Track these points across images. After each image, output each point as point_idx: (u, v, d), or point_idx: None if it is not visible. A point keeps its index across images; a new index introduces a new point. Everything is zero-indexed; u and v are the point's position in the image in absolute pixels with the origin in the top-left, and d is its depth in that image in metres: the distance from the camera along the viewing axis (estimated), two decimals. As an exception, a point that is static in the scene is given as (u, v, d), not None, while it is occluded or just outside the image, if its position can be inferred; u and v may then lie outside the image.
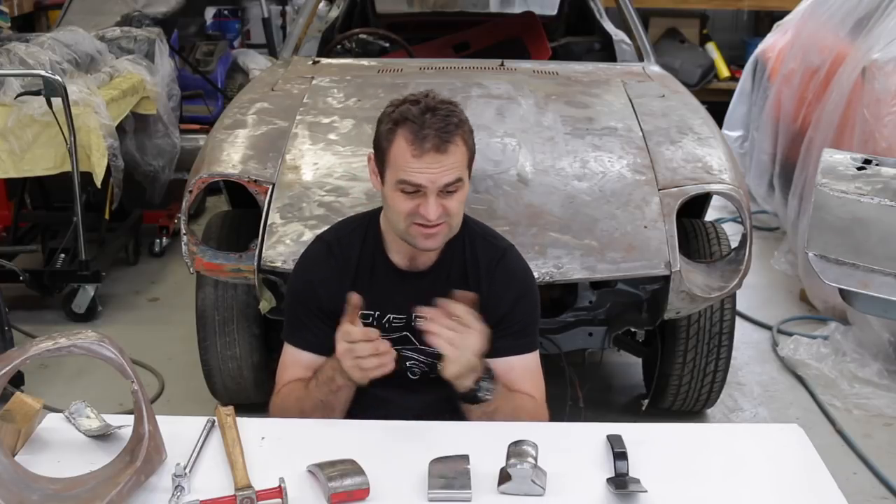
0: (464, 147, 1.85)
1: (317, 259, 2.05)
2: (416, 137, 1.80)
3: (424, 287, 1.96)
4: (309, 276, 2.03)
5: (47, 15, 6.68)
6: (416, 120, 1.81)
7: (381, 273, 2.00)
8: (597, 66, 3.84)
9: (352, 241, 2.02)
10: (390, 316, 2.00)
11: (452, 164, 1.83)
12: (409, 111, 1.83)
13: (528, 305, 2.03)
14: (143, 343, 3.72)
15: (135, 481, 1.52)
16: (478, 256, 2.01)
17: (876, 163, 2.47)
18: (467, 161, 1.88)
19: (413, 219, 1.85)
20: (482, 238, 2.05)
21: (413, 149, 1.81)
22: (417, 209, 1.84)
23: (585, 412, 2.95)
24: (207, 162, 2.92)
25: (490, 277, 2.00)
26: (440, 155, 1.81)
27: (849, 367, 3.63)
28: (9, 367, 1.49)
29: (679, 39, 7.74)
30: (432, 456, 1.62)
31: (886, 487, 2.98)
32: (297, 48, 4.00)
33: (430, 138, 1.80)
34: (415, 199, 1.84)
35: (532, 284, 2.07)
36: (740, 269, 2.77)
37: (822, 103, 4.40)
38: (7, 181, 4.36)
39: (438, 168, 1.81)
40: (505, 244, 2.08)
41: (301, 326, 2.01)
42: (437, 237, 1.89)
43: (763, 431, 2.02)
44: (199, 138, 4.65)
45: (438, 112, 1.82)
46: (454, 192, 1.85)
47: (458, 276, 2.00)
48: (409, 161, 1.81)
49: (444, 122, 1.82)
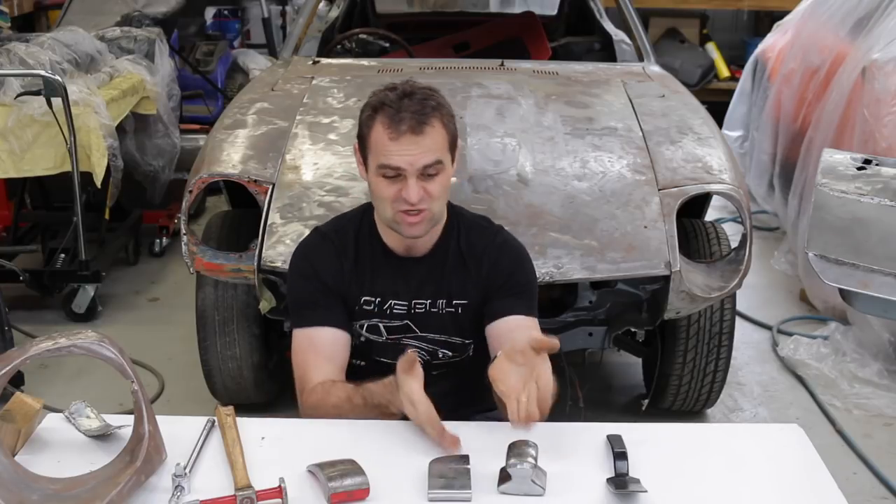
0: (442, 130, 1.87)
1: (314, 246, 2.06)
2: (393, 121, 1.84)
3: (423, 272, 2.00)
4: (309, 259, 2.04)
5: (47, 15, 6.68)
6: (392, 104, 1.85)
7: (380, 259, 2.02)
8: (597, 66, 3.84)
9: (347, 231, 2.05)
10: (392, 302, 2.01)
11: (430, 146, 1.85)
12: (387, 96, 1.87)
13: (527, 273, 2.07)
14: (143, 343, 3.72)
15: (135, 481, 1.52)
16: (473, 242, 2.04)
17: (876, 163, 2.47)
18: (447, 144, 1.89)
19: (397, 205, 1.88)
20: (475, 224, 2.09)
21: (390, 132, 1.84)
22: (400, 194, 1.86)
23: (585, 412, 2.95)
24: (207, 162, 2.91)
25: (488, 253, 2.03)
26: (417, 136, 1.83)
27: (849, 367, 3.63)
28: (9, 367, 1.49)
29: (679, 39, 7.74)
30: (432, 456, 1.63)
31: (886, 487, 2.98)
32: (297, 48, 4.00)
33: (406, 120, 1.83)
34: (396, 183, 1.86)
35: (528, 257, 2.11)
36: (740, 269, 2.77)
37: (822, 103, 4.40)
38: (7, 181, 4.36)
39: (416, 150, 1.84)
40: (496, 226, 2.12)
41: (309, 305, 1.99)
42: (420, 224, 1.90)
43: (763, 431, 2.02)
44: (199, 138, 4.65)
45: (415, 96, 1.86)
46: (435, 176, 1.87)
47: (455, 261, 2.02)
48: (387, 144, 1.85)
49: (421, 105, 1.85)
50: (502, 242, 2.07)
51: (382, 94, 1.89)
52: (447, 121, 1.90)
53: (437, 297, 2.01)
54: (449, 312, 2.02)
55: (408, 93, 1.87)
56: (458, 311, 2.03)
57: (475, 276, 2.02)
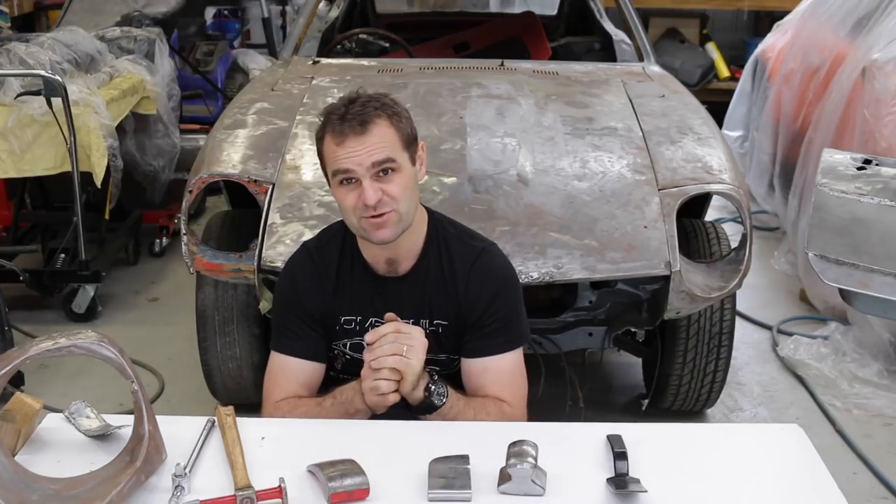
0: (391, 128, 1.87)
1: (298, 265, 2.07)
2: (336, 127, 1.86)
3: (404, 291, 1.99)
4: (292, 281, 2.06)
5: (47, 15, 6.68)
6: (336, 112, 1.87)
7: (361, 279, 2.01)
8: (597, 66, 3.84)
9: (330, 248, 2.05)
10: (373, 320, 2.00)
11: (377, 143, 1.85)
12: (333, 107, 1.90)
13: (506, 303, 2.01)
14: (143, 343, 3.72)
15: (135, 481, 1.52)
16: (453, 258, 2.01)
17: (876, 163, 2.47)
18: (400, 142, 1.89)
19: (360, 212, 1.87)
20: (458, 240, 2.04)
21: (336, 137, 1.86)
22: (360, 200, 1.86)
23: (585, 412, 2.95)
24: (207, 162, 2.92)
25: (466, 278, 2.00)
26: (360, 136, 1.84)
27: (849, 367, 3.63)
28: (9, 367, 1.49)
29: (679, 39, 7.73)
30: (432, 456, 1.62)
31: (886, 487, 2.98)
32: (297, 48, 4.01)
33: (347, 123, 1.85)
34: (355, 189, 1.87)
35: (511, 282, 2.06)
36: (740, 269, 2.77)
37: (822, 103, 4.40)
38: (7, 181, 4.36)
39: (361, 149, 1.84)
40: (482, 244, 2.07)
41: (288, 332, 2.02)
42: (387, 226, 1.89)
43: (763, 431, 2.02)
44: (199, 138, 4.65)
45: (358, 100, 1.88)
46: (391, 175, 1.87)
47: (436, 280, 2.00)
48: (335, 150, 1.86)
49: (362, 107, 1.87)
50: (481, 267, 2.01)
51: (329, 107, 1.91)
52: (394, 120, 1.89)
53: (419, 317, 1.99)
54: (432, 331, 2.00)
55: (352, 99, 1.89)
56: (438, 331, 2.01)
57: (454, 296, 1.99)
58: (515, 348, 2.01)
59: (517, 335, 2.02)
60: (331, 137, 1.87)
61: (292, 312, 2.02)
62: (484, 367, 1.98)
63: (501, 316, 1.99)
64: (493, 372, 1.98)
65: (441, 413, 1.88)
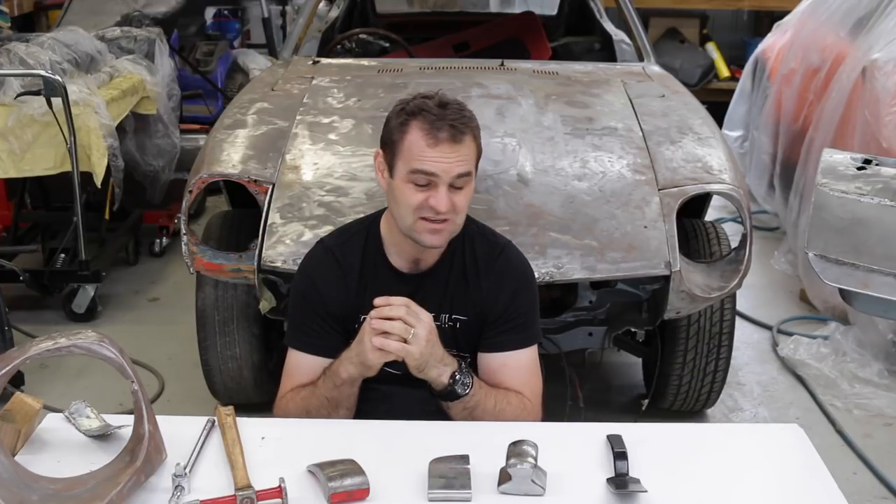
0: (474, 144, 1.90)
1: (320, 262, 2.06)
2: (433, 127, 1.84)
3: (426, 288, 1.99)
4: (313, 278, 2.05)
5: (47, 15, 6.67)
6: (432, 111, 1.86)
7: (383, 277, 2.01)
8: (597, 66, 3.84)
9: (353, 246, 2.04)
10: None
11: (465, 156, 1.87)
12: (425, 104, 1.88)
13: (527, 299, 2.04)
14: (143, 343, 3.72)
15: (135, 481, 1.52)
16: (476, 254, 2.03)
17: (876, 163, 2.46)
18: (475, 158, 1.92)
19: (421, 212, 1.87)
20: (481, 236, 2.07)
21: (429, 138, 1.84)
22: (427, 202, 1.86)
23: (585, 412, 2.95)
24: (207, 162, 2.92)
25: (489, 274, 2.02)
26: (455, 145, 1.85)
27: (849, 367, 3.63)
28: (9, 367, 1.49)
29: (679, 39, 7.74)
30: (432, 456, 1.63)
31: (886, 487, 2.98)
32: (297, 48, 4.01)
33: (445, 128, 1.84)
34: (425, 191, 1.86)
35: (531, 279, 2.09)
36: (740, 269, 2.77)
37: (822, 103, 4.40)
38: (7, 181, 4.36)
39: (454, 157, 1.85)
40: (503, 241, 2.10)
41: (305, 330, 2.01)
42: (442, 234, 1.91)
43: (763, 431, 2.02)
44: (199, 138, 4.65)
45: (452, 106, 1.88)
46: (462, 189, 1.88)
47: (457, 276, 2.01)
48: (424, 150, 1.85)
49: (460, 115, 1.87)
50: (505, 263, 2.04)
51: (420, 102, 1.89)
52: (478, 135, 1.92)
53: (440, 312, 2.00)
54: (450, 326, 2.02)
55: (445, 103, 1.88)
56: (456, 326, 2.02)
57: (474, 292, 2.01)
58: (533, 344, 2.03)
59: (535, 332, 2.05)
60: (423, 134, 1.84)
61: (314, 311, 2.01)
62: (503, 361, 1.99)
63: (522, 312, 2.02)
64: (511, 367, 1.99)
65: (463, 402, 1.88)
